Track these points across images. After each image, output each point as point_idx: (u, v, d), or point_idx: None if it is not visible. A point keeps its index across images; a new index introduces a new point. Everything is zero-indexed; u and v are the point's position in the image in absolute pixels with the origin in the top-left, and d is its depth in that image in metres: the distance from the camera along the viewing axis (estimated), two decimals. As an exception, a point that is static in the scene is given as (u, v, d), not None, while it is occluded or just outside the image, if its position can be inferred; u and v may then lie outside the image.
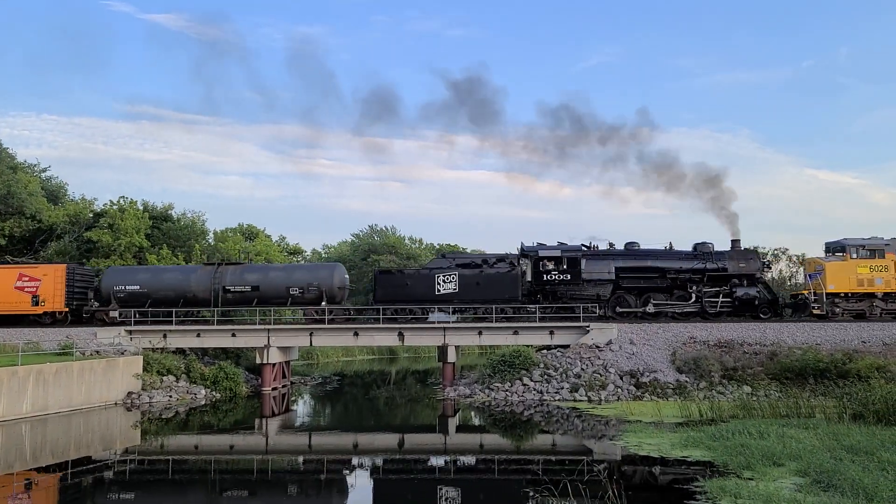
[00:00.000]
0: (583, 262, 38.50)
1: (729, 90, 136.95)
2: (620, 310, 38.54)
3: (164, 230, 54.26)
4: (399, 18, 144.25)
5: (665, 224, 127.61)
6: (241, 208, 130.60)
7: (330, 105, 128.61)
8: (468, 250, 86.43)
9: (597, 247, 39.97)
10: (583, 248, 39.58)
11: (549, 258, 38.47)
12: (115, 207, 52.38)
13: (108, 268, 43.43)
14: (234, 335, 38.17)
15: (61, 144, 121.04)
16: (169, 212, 57.30)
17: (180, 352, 38.35)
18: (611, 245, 40.25)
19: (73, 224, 53.10)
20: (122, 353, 34.59)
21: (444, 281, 38.23)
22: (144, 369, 34.65)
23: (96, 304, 40.35)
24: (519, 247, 40.54)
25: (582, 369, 33.36)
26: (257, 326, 38.05)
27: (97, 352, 34.30)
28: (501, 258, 39.71)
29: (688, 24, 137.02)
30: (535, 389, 32.76)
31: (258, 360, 38.01)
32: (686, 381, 31.68)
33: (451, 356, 37.64)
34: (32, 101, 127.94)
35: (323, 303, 38.88)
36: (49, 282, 39.58)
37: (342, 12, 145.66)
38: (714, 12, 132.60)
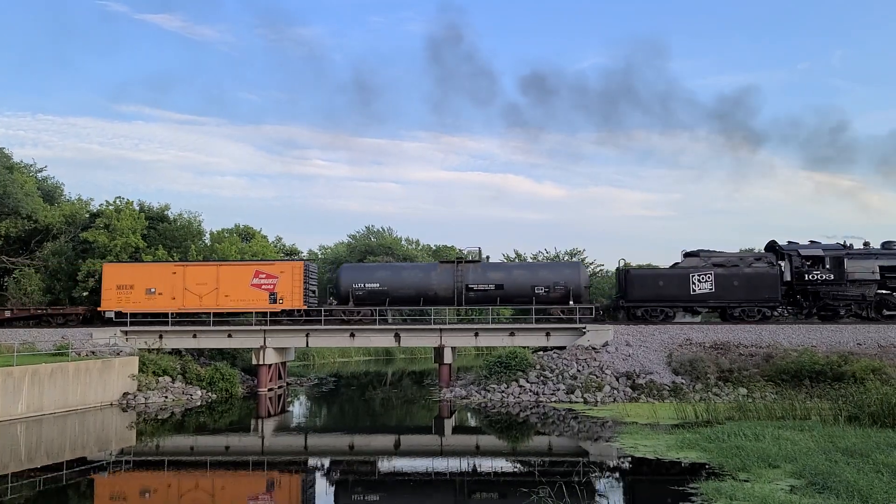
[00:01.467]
0: (846, 261, 37.02)
1: (724, 92, 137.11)
2: (888, 312, 37.18)
3: (161, 230, 54.09)
4: (394, 18, 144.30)
5: (662, 225, 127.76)
6: (236, 209, 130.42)
7: (326, 105, 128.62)
8: (464, 251, 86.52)
9: (852, 245, 38.67)
10: (841, 246, 38.21)
11: (810, 257, 37.23)
12: (111, 208, 52.25)
13: (343, 266, 42.32)
14: (230, 336, 38.11)
15: (56, 144, 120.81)
16: (165, 212, 57.17)
17: (176, 352, 38.27)
18: (865, 244, 38.82)
19: (69, 224, 52.92)
20: (118, 354, 34.51)
21: (699, 280, 36.99)
22: (140, 370, 34.58)
23: (335, 301, 39.56)
24: (766, 245, 39.42)
25: (578, 371, 33.39)
26: (253, 327, 37.99)
27: (93, 352, 34.21)
28: (758, 257, 38.53)
29: (682, 26, 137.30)
30: (531, 391, 32.77)
31: (254, 361, 37.95)
32: (682, 383, 31.72)
33: (448, 357, 37.64)
34: (28, 100, 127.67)
35: (570, 302, 37.91)
36: (287, 279, 38.64)
37: (337, 12, 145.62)
38: (708, 14, 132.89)
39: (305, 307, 38.96)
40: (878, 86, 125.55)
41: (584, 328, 36.26)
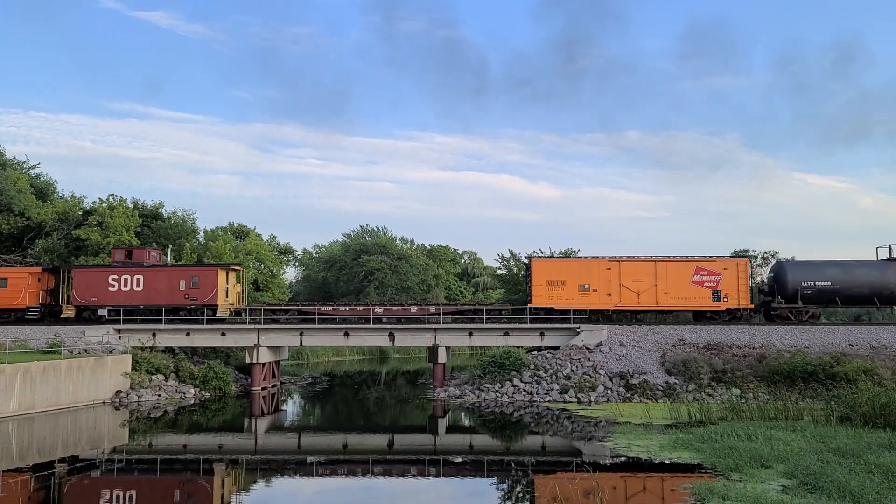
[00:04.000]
0: None
1: (717, 93, 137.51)
2: None
3: (154, 228, 53.97)
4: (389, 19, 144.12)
5: (656, 226, 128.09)
6: (230, 207, 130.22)
7: (320, 103, 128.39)
8: (459, 251, 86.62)
9: None
10: None
11: None
12: (104, 205, 52.08)
13: (787, 263, 41.14)
14: (223, 334, 38.02)
15: (49, 142, 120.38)
16: (159, 210, 57.03)
17: (169, 351, 38.17)
18: None
19: (62, 222, 52.76)
20: (111, 352, 34.39)
21: None
22: (133, 368, 34.47)
23: (782, 300, 38.32)
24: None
25: (572, 371, 33.43)
26: (247, 326, 37.91)
27: (85, 350, 34.08)
28: None
29: (676, 28, 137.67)
30: (525, 391, 32.80)
31: (248, 360, 37.88)
32: (675, 383, 31.80)
33: (442, 357, 37.64)
34: (19, 97, 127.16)
35: None
36: (730, 276, 37.98)
37: (331, 12, 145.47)
38: (701, 14, 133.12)
39: (752, 306, 38.30)
40: (870, 88, 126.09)
41: (578, 328, 36.32)
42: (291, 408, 35.22)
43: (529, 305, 38.51)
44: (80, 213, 53.91)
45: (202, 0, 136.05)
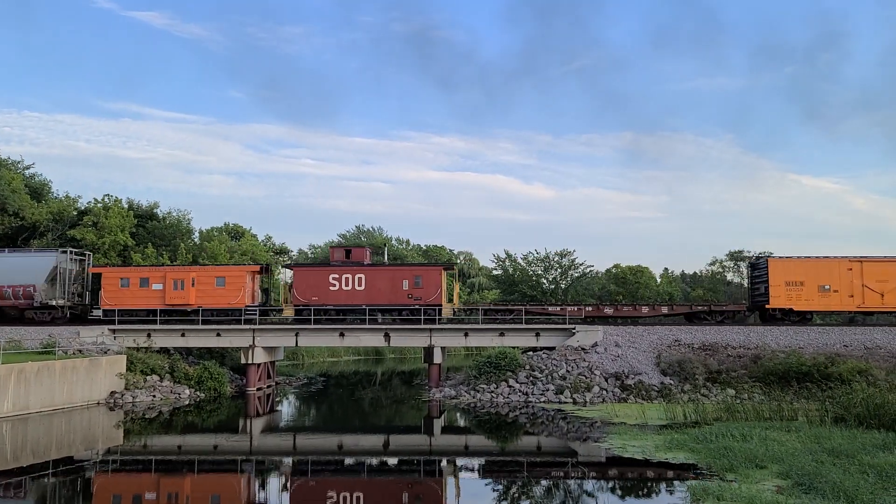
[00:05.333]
0: None
1: (712, 95, 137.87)
2: None
3: (150, 229, 53.86)
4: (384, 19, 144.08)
5: (650, 226, 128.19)
6: (225, 207, 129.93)
7: (316, 105, 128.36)
8: (455, 252, 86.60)
9: None
10: None
11: None
12: (99, 205, 51.95)
13: None
14: (218, 335, 37.94)
15: (43, 142, 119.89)
16: (154, 210, 56.92)
17: (164, 351, 38.05)
18: None
19: (57, 222, 52.58)
20: (106, 353, 34.29)
21: None
22: (128, 369, 34.37)
23: None
24: None
25: (567, 371, 33.45)
26: (242, 326, 37.84)
27: (80, 351, 33.97)
28: None
29: (671, 30, 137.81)
30: (520, 391, 32.80)
31: (243, 361, 37.81)
32: (671, 384, 31.85)
33: (438, 357, 37.63)
34: (13, 97, 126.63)
35: None
36: None
37: (326, 13, 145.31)
38: (696, 17, 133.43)
39: None
40: (864, 89, 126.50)
41: (574, 329, 36.35)
42: (287, 408, 35.17)
43: (767, 307, 38.52)
44: (75, 213, 53.74)
45: (197, 0, 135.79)
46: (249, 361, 37.41)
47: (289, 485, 18.61)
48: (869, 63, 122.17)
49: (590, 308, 40.40)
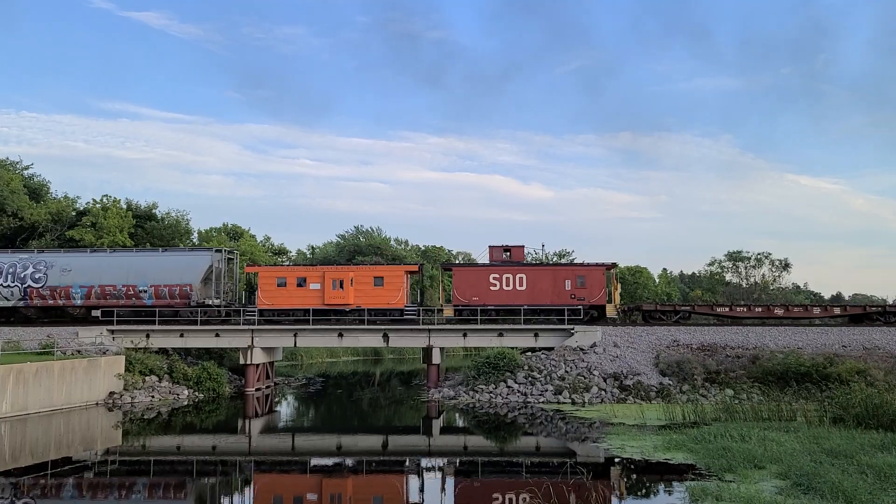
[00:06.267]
0: None
1: (710, 96, 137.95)
2: None
3: (148, 229, 53.84)
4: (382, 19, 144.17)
5: (648, 226, 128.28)
6: (223, 207, 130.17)
7: (314, 105, 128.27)
8: (453, 252, 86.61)
9: None
10: None
11: None
12: (98, 206, 51.93)
13: None
14: (217, 335, 37.91)
15: (41, 142, 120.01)
16: (153, 210, 56.89)
17: (163, 352, 38.04)
18: None
19: (56, 222, 52.56)
20: (104, 353, 34.27)
21: None
22: (126, 369, 34.35)
23: None
24: None
25: (566, 372, 33.46)
26: (241, 326, 37.81)
27: (78, 351, 33.96)
28: None
29: (669, 30, 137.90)
30: (519, 391, 32.80)
31: (242, 361, 37.78)
32: (669, 384, 31.86)
33: (436, 358, 37.62)
34: (11, 97, 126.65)
35: None
36: None
37: (324, 13, 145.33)
38: (693, 17, 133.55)
39: None
40: (860, 90, 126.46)
41: (573, 329, 36.35)
42: (285, 409, 35.15)
43: None
44: (74, 213, 53.72)
45: (194, 0, 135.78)
46: (248, 362, 37.39)
47: (286, 483, 18.59)
48: (869, 63, 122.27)
49: (759, 309, 39.79)
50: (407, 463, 21.61)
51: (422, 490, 17.97)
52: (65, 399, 30.16)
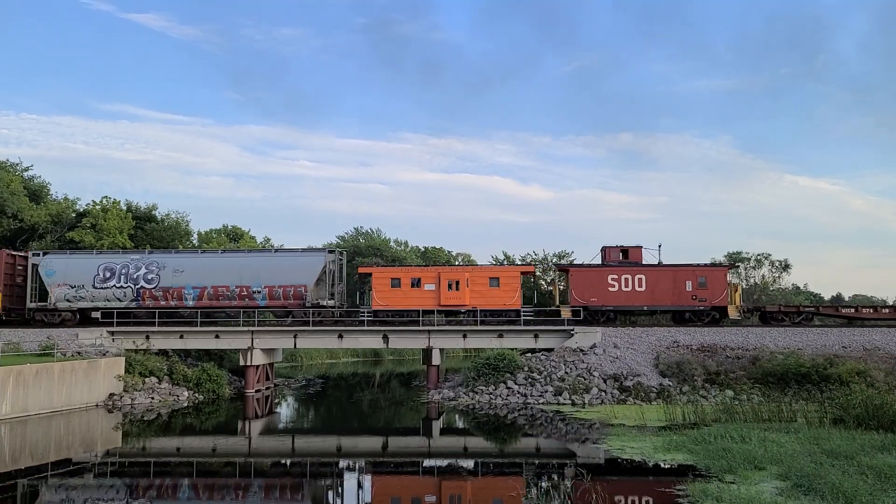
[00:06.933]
0: None
1: (709, 96, 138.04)
2: None
3: (148, 231, 53.86)
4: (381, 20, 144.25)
5: (648, 227, 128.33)
6: (223, 209, 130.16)
7: (313, 106, 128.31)
8: (453, 253, 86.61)
9: None
10: None
11: None
12: (97, 207, 51.93)
13: None
14: (217, 336, 37.92)
15: (41, 144, 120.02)
16: (153, 212, 56.91)
17: (163, 353, 38.03)
18: None
19: (56, 224, 52.57)
20: (104, 355, 34.27)
21: None
22: (126, 371, 34.36)
23: None
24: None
25: (566, 373, 33.46)
26: (241, 328, 37.81)
27: (78, 353, 33.95)
28: None
29: (668, 31, 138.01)
30: (519, 393, 32.80)
31: (242, 362, 37.78)
32: (669, 385, 31.86)
33: (436, 359, 37.61)
34: (11, 99, 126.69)
35: None
36: None
37: (322, 15, 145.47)
38: (692, 18, 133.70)
39: None
40: (859, 91, 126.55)
41: (573, 330, 36.35)
42: (285, 410, 35.13)
43: None
44: (74, 215, 53.74)
45: (193, 2, 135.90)
46: (248, 363, 37.39)
47: (288, 485, 18.58)
48: (869, 64, 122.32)
49: (886, 310, 39.63)
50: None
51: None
52: (65, 401, 30.15)
